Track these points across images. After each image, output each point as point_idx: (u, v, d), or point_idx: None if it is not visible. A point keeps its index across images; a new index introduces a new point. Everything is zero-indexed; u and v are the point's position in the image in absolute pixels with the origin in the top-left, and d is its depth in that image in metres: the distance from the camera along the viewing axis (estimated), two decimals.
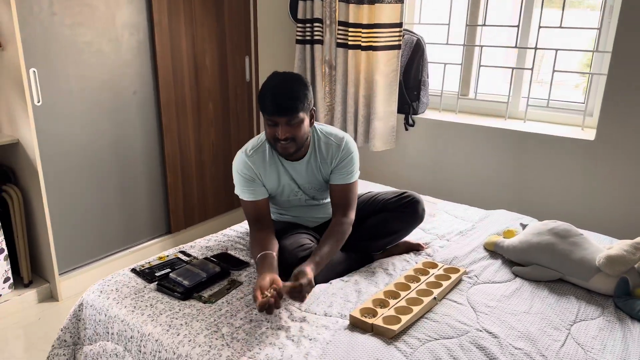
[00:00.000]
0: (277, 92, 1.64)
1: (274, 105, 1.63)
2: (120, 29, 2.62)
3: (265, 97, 1.65)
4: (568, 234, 1.81)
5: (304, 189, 1.89)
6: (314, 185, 1.89)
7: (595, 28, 2.53)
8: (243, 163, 1.81)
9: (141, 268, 1.79)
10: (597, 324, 1.53)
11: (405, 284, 1.68)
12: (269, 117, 1.66)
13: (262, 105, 1.67)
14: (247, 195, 1.81)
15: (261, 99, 1.67)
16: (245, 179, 1.80)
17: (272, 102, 1.63)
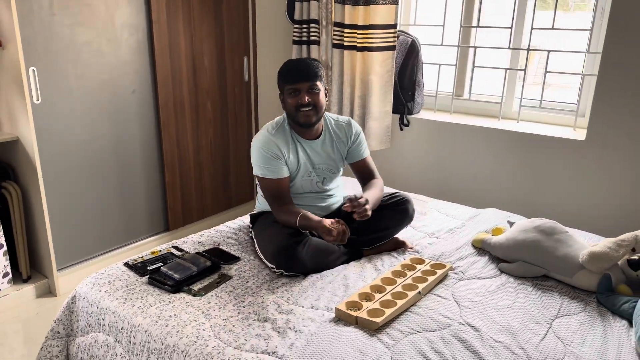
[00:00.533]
0: (298, 63, 1.89)
1: (297, 72, 1.86)
2: (119, 28, 2.67)
3: (288, 68, 1.89)
4: (553, 232, 1.84)
5: (317, 169, 2.02)
6: (328, 166, 2.03)
7: (587, 30, 2.55)
8: (268, 141, 1.91)
9: (134, 262, 1.83)
10: (579, 319, 1.56)
11: (392, 279, 1.71)
12: (292, 84, 1.86)
13: (285, 75, 1.88)
14: (272, 174, 1.90)
15: (283, 71, 1.89)
16: (270, 157, 1.89)
17: (295, 69, 1.87)
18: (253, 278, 1.76)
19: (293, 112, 1.90)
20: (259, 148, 1.92)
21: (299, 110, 1.88)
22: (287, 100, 1.91)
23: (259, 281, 1.74)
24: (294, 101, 1.88)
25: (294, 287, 1.70)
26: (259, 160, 1.92)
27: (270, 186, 1.92)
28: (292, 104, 1.88)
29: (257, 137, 1.96)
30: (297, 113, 1.89)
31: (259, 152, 1.92)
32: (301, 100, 1.86)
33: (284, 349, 1.38)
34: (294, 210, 1.88)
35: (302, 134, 1.99)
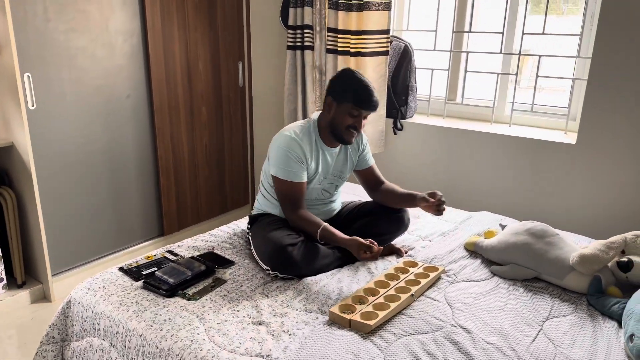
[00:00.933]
0: (372, 92, 1.89)
1: (371, 101, 1.89)
2: (114, 34, 2.68)
3: (364, 92, 1.88)
4: (544, 234, 1.86)
5: (330, 177, 2.07)
6: (338, 173, 2.09)
7: (577, 35, 2.59)
8: (295, 144, 1.91)
9: (129, 267, 1.84)
10: (569, 321, 1.58)
11: (385, 282, 1.72)
12: (360, 108, 1.89)
13: (359, 97, 1.87)
14: (293, 177, 1.90)
15: (359, 91, 1.88)
16: (294, 160, 1.90)
17: (370, 97, 1.88)
18: (247, 282, 1.77)
19: (342, 128, 1.92)
20: (284, 149, 1.90)
21: (348, 129, 1.92)
22: (342, 116, 1.91)
23: (253, 285, 1.75)
24: (350, 121, 1.91)
25: (288, 291, 1.71)
26: (281, 162, 1.90)
27: (288, 189, 1.91)
28: (345, 122, 1.91)
29: (281, 138, 1.93)
30: (345, 131, 1.93)
31: (282, 153, 1.90)
32: (358, 125, 1.92)
33: (278, 352, 1.39)
34: (314, 220, 1.88)
35: (328, 142, 2.01)
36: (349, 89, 1.90)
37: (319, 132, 2.00)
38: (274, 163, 1.93)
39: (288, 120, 3.20)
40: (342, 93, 1.91)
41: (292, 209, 1.92)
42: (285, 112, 3.19)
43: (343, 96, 1.91)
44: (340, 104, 1.92)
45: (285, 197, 1.93)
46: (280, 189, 1.93)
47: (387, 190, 2.11)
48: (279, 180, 1.92)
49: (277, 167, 1.92)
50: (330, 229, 1.85)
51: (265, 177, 2.06)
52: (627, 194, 2.40)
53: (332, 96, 1.95)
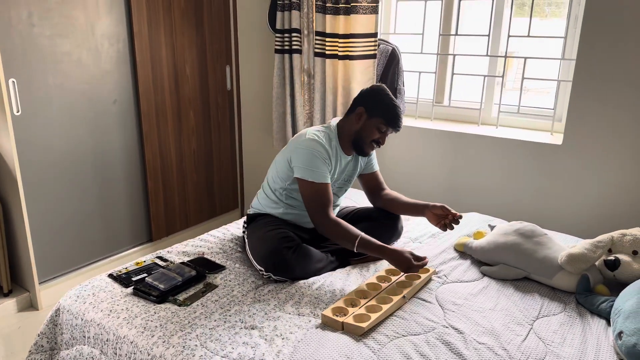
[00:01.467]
0: (401, 114, 1.97)
1: (400, 122, 1.97)
2: (99, 39, 2.66)
3: (396, 112, 1.95)
4: (533, 234, 1.88)
5: (340, 181, 2.09)
6: (347, 177, 2.11)
7: (561, 37, 2.63)
8: (321, 146, 1.91)
9: (118, 273, 1.82)
10: (559, 319, 1.60)
11: (377, 284, 1.73)
12: (388, 126, 1.95)
13: (391, 115, 1.94)
14: (324, 178, 1.89)
15: (391, 110, 1.94)
16: (322, 161, 1.90)
17: (400, 118, 1.96)
18: (239, 286, 1.76)
19: (366, 141, 1.97)
20: (310, 150, 1.88)
21: (372, 143, 1.98)
22: (370, 129, 1.95)
23: (245, 289, 1.75)
24: (376, 135, 1.96)
25: (280, 294, 1.71)
26: (308, 163, 1.87)
27: (318, 191, 1.86)
28: (371, 135, 1.96)
29: (304, 141, 1.91)
30: (369, 144, 1.98)
31: (308, 154, 1.87)
32: (382, 141, 1.99)
33: (271, 356, 1.38)
34: (351, 228, 1.83)
35: (345, 149, 2.03)
36: (383, 106, 1.95)
37: (339, 139, 2.01)
38: (299, 165, 1.88)
39: (277, 123, 3.20)
40: (375, 108, 1.95)
41: (323, 212, 1.85)
42: (274, 116, 3.19)
43: (376, 111, 1.94)
44: (372, 117, 1.95)
45: (314, 200, 1.86)
46: (309, 192, 1.87)
47: (392, 197, 2.14)
48: (307, 183, 1.87)
49: (303, 170, 1.87)
50: (369, 239, 1.80)
51: (273, 177, 2.03)
52: (613, 194, 2.44)
53: (364, 108, 1.96)
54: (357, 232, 1.81)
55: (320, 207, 1.86)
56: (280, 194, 2.02)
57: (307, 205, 1.89)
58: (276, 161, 2.05)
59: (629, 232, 1.77)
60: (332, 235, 1.85)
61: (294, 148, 1.93)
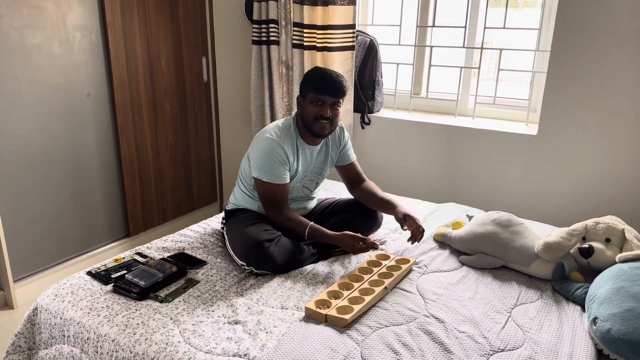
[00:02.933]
0: (333, 77, 1.89)
1: (331, 85, 1.88)
2: (71, 30, 2.59)
3: (322, 77, 1.89)
4: (510, 224, 1.92)
5: (311, 174, 2.08)
6: (318, 170, 2.10)
7: (536, 29, 2.67)
8: (277, 146, 1.91)
9: (97, 270, 1.79)
10: (536, 307, 1.64)
11: (359, 276, 1.75)
12: (321, 95, 1.89)
13: (317, 83, 1.89)
14: (276, 179, 1.90)
15: (315, 78, 1.90)
16: (277, 162, 1.90)
17: (329, 82, 1.88)
18: (221, 281, 1.75)
19: (310, 120, 1.93)
20: (266, 151, 1.90)
21: (317, 120, 1.92)
22: (308, 108, 1.92)
23: (227, 284, 1.74)
24: (314, 110, 1.91)
25: (263, 288, 1.71)
26: (263, 164, 1.90)
27: (272, 191, 1.92)
28: (312, 113, 1.91)
29: (262, 141, 1.93)
30: (314, 122, 1.92)
31: (265, 156, 1.90)
32: (323, 113, 1.90)
33: (256, 350, 1.39)
34: (300, 220, 1.92)
35: (307, 140, 2.01)
36: (309, 80, 1.94)
37: (299, 131, 2.01)
38: (256, 166, 1.92)
39: (255, 115, 3.18)
40: (304, 86, 1.95)
41: (276, 210, 1.93)
42: (252, 108, 3.16)
43: (305, 89, 1.94)
44: (305, 96, 1.95)
45: (268, 199, 1.93)
46: (264, 191, 1.93)
47: (367, 190, 2.13)
48: (262, 183, 1.91)
49: (259, 170, 1.91)
50: (318, 228, 1.89)
51: (244, 174, 2.05)
52: (586, 183, 2.50)
53: (300, 93, 1.98)
54: (306, 223, 1.90)
55: (274, 205, 1.94)
56: (252, 190, 2.02)
57: (263, 203, 1.96)
58: (244, 158, 2.07)
59: (602, 221, 1.83)
60: (286, 228, 1.93)
61: (253, 147, 1.97)
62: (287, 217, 1.92)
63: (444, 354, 1.39)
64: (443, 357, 1.38)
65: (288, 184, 1.95)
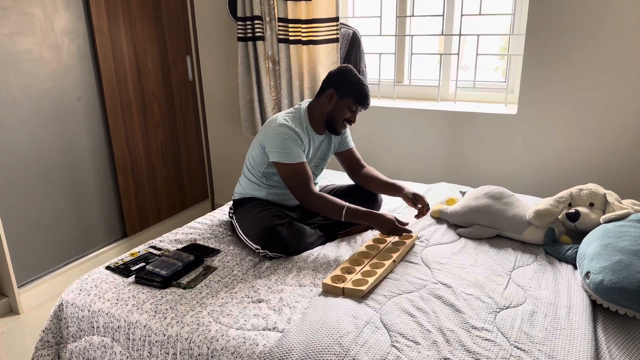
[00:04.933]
0: (369, 93, 2.06)
1: (369, 100, 2.06)
2: (59, 35, 2.62)
3: (364, 90, 2.04)
4: (502, 196, 2.07)
5: (315, 160, 2.18)
6: (322, 156, 2.21)
7: (510, 14, 2.82)
8: (291, 130, 1.99)
9: (115, 265, 1.85)
10: (532, 268, 1.78)
11: (367, 252, 1.86)
12: (358, 105, 2.05)
13: (360, 95, 2.03)
14: (299, 157, 1.97)
15: (360, 89, 2.03)
16: (296, 143, 1.98)
17: (369, 98, 2.06)
18: (237, 266, 1.84)
19: (339, 120, 2.07)
20: (281, 134, 1.96)
21: (343, 122, 2.08)
22: (341, 109, 2.04)
23: (244, 268, 1.83)
24: (347, 115, 2.06)
25: (279, 270, 1.80)
26: (281, 147, 1.95)
27: (296, 171, 1.95)
28: (344, 115, 2.06)
29: (276, 126, 1.99)
30: (341, 123, 2.08)
31: (281, 139, 1.96)
32: (353, 120, 2.09)
33: (283, 323, 1.48)
34: (335, 200, 1.95)
35: (316, 129, 2.11)
36: (352, 86, 2.04)
37: (310, 120, 2.10)
38: (273, 150, 1.97)
39: (245, 110, 3.25)
40: (345, 89, 2.03)
41: (306, 190, 1.95)
42: (241, 104, 3.23)
43: (346, 91, 2.03)
44: (342, 98, 2.04)
45: (294, 180, 1.96)
46: (287, 174, 1.97)
47: (370, 175, 2.25)
48: (283, 166, 1.96)
49: (278, 154, 1.96)
50: (356, 207, 1.94)
51: (253, 160, 2.10)
52: (564, 156, 2.67)
53: (334, 89, 2.05)
54: (343, 203, 1.94)
55: (302, 185, 1.97)
56: (260, 177, 2.10)
57: (289, 187, 1.99)
58: (252, 147, 2.13)
59: (585, 187, 1.99)
60: (319, 209, 1.96)
61: (266, 134, 2.03)
62: (321, 196, 1.95)
63: (455, 314, 1.51)
64: (455, 316, 1.50)
65: (307, 163, 2.01)
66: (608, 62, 2.46)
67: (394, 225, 1.90)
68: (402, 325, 1.46)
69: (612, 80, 2.47)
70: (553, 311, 1.53)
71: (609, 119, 2.54)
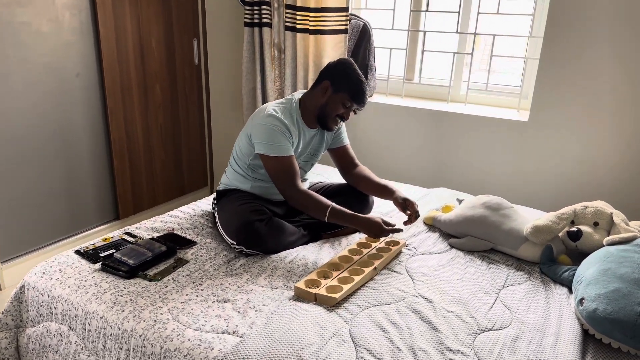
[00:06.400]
0: (367, 90, 1.96)
1: (365, 98, 1.95)
2: (60, 8, 2.55)
3: (361, 87, 1.93)
4: (500, 207, 1.93)
5: (306, 155, 2.08)
6: (313, 151, 2.10)
7: (529, 14, 2.66)
8: (280, 121, 1.89)
9: (85, 249, 1.78)
10: (524, 288, 1.65)
11: (349, 257, 1.75)
12: (353, 102, 1.94)
13: (356, 92, 1.92)
14: (286, 151, 1.87)
15: (357, 85, 1.92)
16: (284, 135, 1.88)
17: (365, 94, 1.94)
18: (210, 261, 1.75)
19: (331, 115, 1.96)
20: (269, 126, 1.86)
21: (336, 118, 1.98)
22: (335, 104, 1.94)
23: (217, 264, 1.74)
24: (340, 111, 1.95)
25: (253, 268, 1.71)
26: (268, 138, 1.85)
27: (282, 165, 1.85)
28: (336, 110, 1.95)
29: (263, 116, 1.89)
30: (333, 119, 1.98)
31: (268, 130, 1.85)
32: (346, 117, 1.99)
33: (245, 327, 1.39)
34: (321, 198, 1.83)
35: (308, 122, 2.01)
36: (348, 81, 1.92)
37: (301, 112, 1.99)
38: (260, 141, 1.87)
39: (247, 99, 3.16)
40: (341, 83, 1.93)
41: (291, 185, 1.84)
42: (244, 91, 3.14)
43: (341, 86, 1.92)
44: (337, 92, 1.93)
45: (280, 175, 1.86)
46: (273, 167, 1.87)
47: (362, 175, 2.12)
48: (269, 158, 1.86)
49: (264, 145, 1.86)
50: (340, 209, 1.81)
51: (240, 152, 2.01)
52: (576, 169, 2.52)
53: (330, 81, 1.94)
54: (328, 203, 1.82)
55: (287, 180, 1.86)
56: (246, 169, 2.01)
57: (274, 180, 1.89)
58: (239, 137, 2.04)
59: (591, 205, 1.84)
60: (303, 207, 1.86)
61: (254, 125, 1.93)
62: (306, 193, 1.84)
63: (431, 332, 1.40)
64: (431, 335, 1.39)
65: (294, 157, 1.91)
66: (630, 70, 2.29)
67: (381, 228, 1.78)
68: (371, 340, 1.35)
69: (634, 90, 2.31)
70: (539, 338, 1.40)
71: (626, 131, 2.37)
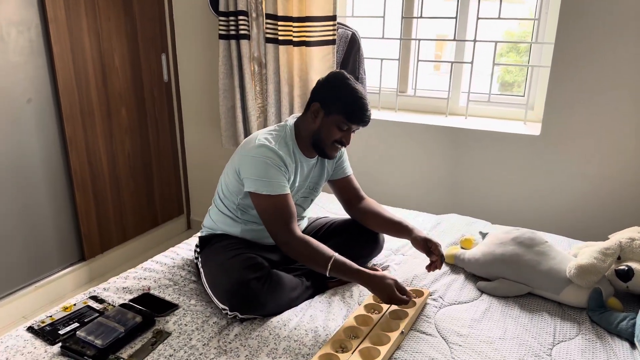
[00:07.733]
0: (366, 104, 1.63)
1: (365, 115, 1.63)
2: (5, 26, 2.21)
3: (359, 104, 1.61)
4: (533, 243, 1.67)
5: (305, 189, 1.80)
6: (312, 184, 1.81)
7: (534, 19, 2.44)
8: (274, 153, 1.59)
9: (40, 325, 1.43)
10: (577, 345, 1.39)
11: (367, 316, 1.46)
12: (351, 123, 1.63)
13: (352, 111, 1.61)
14: (281, 189, 1.57)
15: (352, 103, 1.61)
16: (278, 170, 1.57)
17: (365, 113, 1.62)
18: (197, 332, 1.43)
19: (328, 142, 1.66)
20: (261, 158, 1.56)
21: (334, 144, 1.66)
22: (329, 128, 1.63)
23: (206, 336, 1.41)
24: (337, 135, 1.64)
25: (252, 340, 1.39)
26: (260, 174, 1.55)
27: (275, 205, 1.55)
28: (333, 136, 1.64)
29: (254, 147, 1.59)
30: (331, 146, 1.66)
31: (260, 163, 1.56)
32: (345, 140, 1.67)
33: None
34: (322, 247, 1.52)
35: (306, 152, 1.70)
36: (341, 99, 1.61)
37: (297, 140, 1.69)
38: (250, 177, 1.57)
39: (225, 119, 2.83)
40: (333, 103, 1.62)
41: (286, 230, 1.54)
42: (222, 110, 2.82)
43: (333, 106, 1.61)
44: (329, 114, 1.62)
45: (272, 216, 1.56)
46: (265, 208, 1.57)
47: (370, 210, 1.82)
48: (261, 197, 1.56)
49: (255, 182, 1.56)
50: (344, 261, 1.50)
51: (226, 189, 1.71)
52: (597, 187, 2.28)
53: (320, 103, 1.63)
54: (329, 253, 1.51)
55: (281, 223, 1.55)
56: (235, 210, 1.69)
57: (265, 223, 1.58)
58: (225, 172, 1.72)
59: (637, 237, 1.60)
60: (299, 256, 1.55)
61: (242, 157, 1.62)
62: (304, 240, 1.53)
63: None
64: None
65: (290, 196, 1.60)
66: None
67: (392, 294, 1.44)
68: None
69: None
70: None
71: None
